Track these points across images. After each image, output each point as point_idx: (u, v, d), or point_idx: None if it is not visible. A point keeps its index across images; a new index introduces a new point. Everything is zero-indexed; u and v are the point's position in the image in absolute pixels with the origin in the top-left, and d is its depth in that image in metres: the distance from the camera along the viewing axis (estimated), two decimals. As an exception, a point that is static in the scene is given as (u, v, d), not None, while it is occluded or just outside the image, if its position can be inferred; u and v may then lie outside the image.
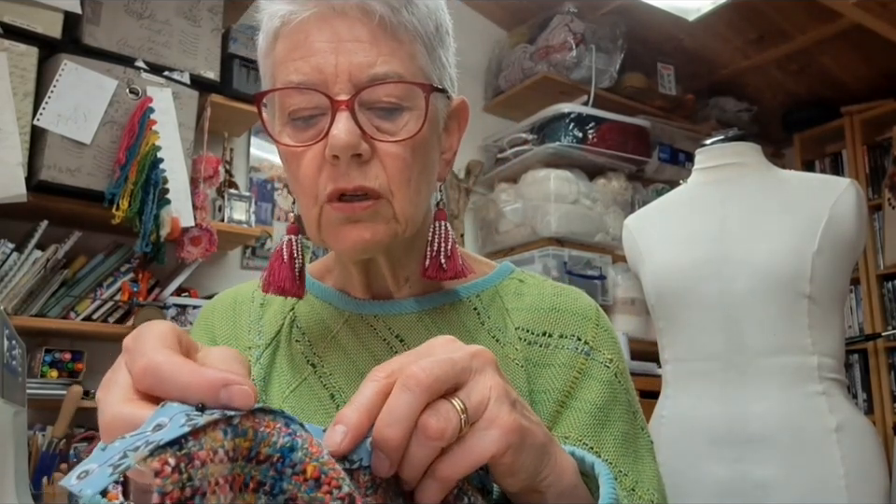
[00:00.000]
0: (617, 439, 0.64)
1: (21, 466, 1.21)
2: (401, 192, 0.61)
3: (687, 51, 3.35)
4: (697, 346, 1.52)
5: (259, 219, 2.68)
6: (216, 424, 0.33)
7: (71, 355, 2.13)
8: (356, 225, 0.61)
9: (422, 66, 0.62)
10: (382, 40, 0.60)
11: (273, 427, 0.35)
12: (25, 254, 2.03)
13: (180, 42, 2.30)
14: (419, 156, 0.62)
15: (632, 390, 0.70)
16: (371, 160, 0.60)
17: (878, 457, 1.39)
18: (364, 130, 0.59)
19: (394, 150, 0.61)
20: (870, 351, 3.20)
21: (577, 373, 0.66)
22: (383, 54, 0.60)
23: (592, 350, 0.68)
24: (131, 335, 0.39)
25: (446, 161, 0.70)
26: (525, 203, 2.96)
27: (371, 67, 0.59)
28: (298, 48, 0.61)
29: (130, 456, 0.31)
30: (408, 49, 0.61)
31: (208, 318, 0.76)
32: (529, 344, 0.68)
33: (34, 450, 1.87)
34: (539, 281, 0.74)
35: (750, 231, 1.48)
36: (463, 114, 0.71)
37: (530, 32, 3.29)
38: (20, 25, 2.00)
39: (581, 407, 0.65)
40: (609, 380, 0.67)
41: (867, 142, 3.37)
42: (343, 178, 0.60)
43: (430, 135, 0.64)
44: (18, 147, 1.94)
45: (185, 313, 2.30)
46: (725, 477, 1.42)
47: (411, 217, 0.63)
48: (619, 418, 0.66)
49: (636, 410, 0.70)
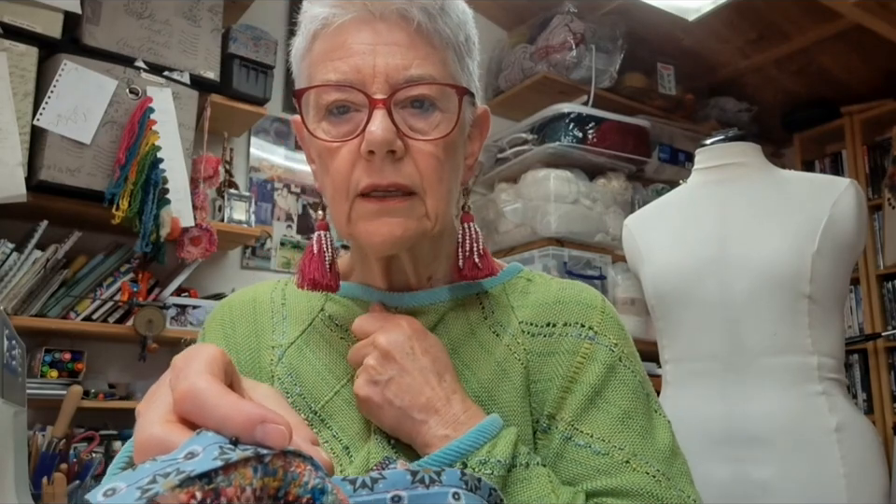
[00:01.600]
0: (614, 417, 0.66)
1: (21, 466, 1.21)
2: (433, 189, 0.64)
3: (687, 51, 3.35)
4: (697, 346, 1.52)
5: (258, 219, 2.69)
6: (247, 461, 0.34)
7: (71, 355, 2.13)
8: (388, 219, 0.63)
9: (452, 72, 0.66)
10: (418, 44, 0.63)
11: (304, 469, 0.36)
12: (25, 254, 2.03)
13: (180, 42, 2.30)
14: (450, 156, 0.65)
15: (642, 373, 0.72)
16: (405, 157, 0.63)
17: (878, 457, 1.39)
18: (399, 128, 0.62)
19: (427, 149, 0.63)
20: (870, 351, 3.20)
21: (581, 358, 0.68)
22: (418, 57, 0.63)
23: (597, 335, 0.70)
24: (182, 354, 0.40)
25: (468, 167, 0.72)
26: (524, 203, 2.96)
27: (408, 69, 0.62)
28: (337, 49, 0.63)
29: (159, 482, 0.32)
30: (441, 55, 0.64)
31: (225, 317, 0.76)
32: (533, 336, 0.70)
33: (33, 450, 1.87)
34: (547, 279, 0.76)
35: (750, 231, 1.48)
36: (485, 122, 0.74)
37: (530, 32, 3.29)
38: (19, 25, 2.00)
39: (580, 390, 0.67)
40: (612, 363, 0.69)
41: (867, 142, 3.37)
42: (378, 174, 0.62)
43: (458, 138, 0.67)
44: (18, 146, 1.94)
45: (185, 313, 2.30)
46: (725, 477, 1.42)
47: (442, 214, 0.65)
48: (620, 398, 0.67)
49: (648, 392, 0.71)
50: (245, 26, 2.50)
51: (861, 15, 2.54)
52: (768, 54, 3.31)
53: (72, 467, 1.89)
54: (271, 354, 0.71)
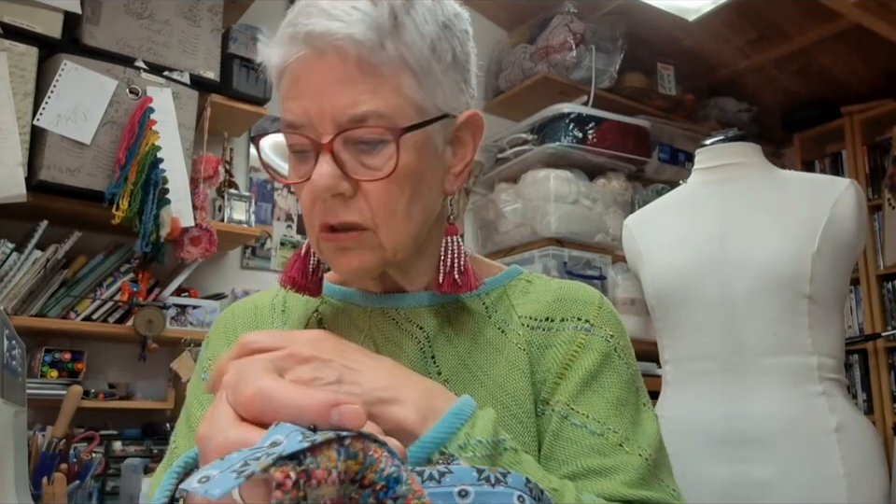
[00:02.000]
0: (609, 402, 0.67)
1: (21, 466, 1.21)
2: (386, 224, 0.64)
3: (687, 51, 3.35)
4: (697, 346, 1.52)
5: (258, 219, 2.68)
6: (330, 443, 0.34)
7: (71, 355, 2.12)
8: (344, 253, 0.65)
9: (410, 96, 0.63)
10: (360, 80, 0.61)
11: (381, 455, 0.36)
12: (25, 254, 2.03)
13: (180, 42, 2.30)
14: (406, 187, 0.64)
15: (635, 367, 0.72)
16: (356, 195, 0.63)
17: (878, 457, 1.39)
18: (346, 170, 0.62)
19: (376, 187, 0.62)
20: (870, 351, 3.20)
21: (577, 347, 0.69)
22: (363, 93, 0.61)
23: (593, 327, 0.71)
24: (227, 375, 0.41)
25: (455, 175, 0.70)
26: (524, 204, 2.96)
27: (352, 108, 0.60)
28: (291, 87, 0.63)
29: (252, 464, 0.32)
30: (391, 83, 0.61)
31: (228, 324, 0.77)
32: (532, 329, 0.71)
33: (33, 450, 1.87)
34: (546, 280, 0.77)
35: (750, 232, 1.48)
36: (475, 124, 0.71)
37: (530, 32, 3.29)
38: (19, 25, 2.00)
39: (575, 375, 0.68)
40: (607, 352, 0.70)
41: (867, 142, 3.37)
42: (330, 214, 0.63)
43: (420, 163, 0.64)
44: (18, 146, 1.94)
45: (185, 313, 2.30)
46: (725, 477, 1.42)
47: (398, 244, 0.65)
48: (614, 385, 0.68)
49: (639, 387, 0.72)
50: (245, 26, 2.50)
51: (861, 15, 2.54)
52: (768, 54, 3.31)
53: (72, 467, 1.89)
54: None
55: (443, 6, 0.67)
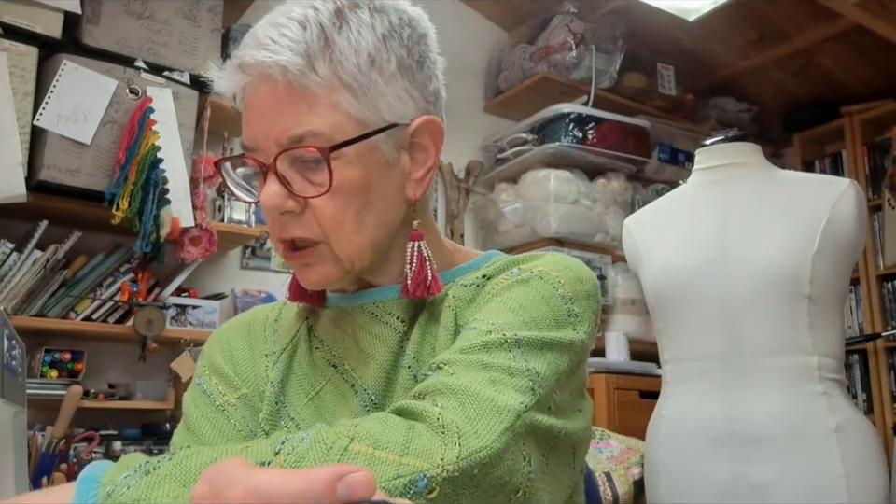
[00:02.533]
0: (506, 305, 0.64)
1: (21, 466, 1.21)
2: (336, 237, 0.66)
3: (687, 51, 3.35)
4: (697, 346, 1.52)
5: (258, 219, 2.68)
6: None
7: (71, 355, 2.13)
8: (305, 268, 0.68)
9: (348, 112, 0.64)
10: (295, 102, 0.63)
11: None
12: (25, 254, 2.03)
13: (180, 42, 2.30)
14: (352, 199, 0.65)
15: (570, 294, 0.68)
16: (304, 212, 0.65)
17: (878, 457, 1.39)
18: (292, 188, 0.64)
19: (320, 202, 0.65)
20: (870, 351, 3.20)
21: (495, 284, 0.69)
22: (299, 115, 0.63)
23: (521, 270, 0.69)
24: (196, 488, 0.35)
25: (417, 181, 0.70)
26: (524, 204, 2.96)
27: (289, 130, 0.63)
28: (244, 113, 0.67)
29: None
30: (326, 102, 0.63)
31: (223, 334, 0.80)
32: (465, 287, 0.71)
33: (33, 450, 1.87)
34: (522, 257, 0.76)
35: (750, 232, 1.48)
36: (433, 129, 0.70)
37: (530, 32, 3.29)
38: (19, 25, 2.00)
39: (483, 298, 0.69)
40: (525, 278, 0.68)
41: (867, 142, 3.37)
42: (284, 230, 0.67)
43: (366, 174, 0.65)
44: (18, 146, 1.94)
45: (185, 313, 2.30)
46: (725, 477, 1.42)
47: (353, 255, 0.67)
48: (522, 295, 0.66)
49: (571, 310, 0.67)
50: (245, 26, 2.50)
51: (861, 15, 2.54)
52: (768, 54, 3.31)
53: (72, 467, 1.89)
54: (265, 361, 0.75)
55: (386, 15, 0.67)
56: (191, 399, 0.75)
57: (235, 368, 0.75)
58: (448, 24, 1.00)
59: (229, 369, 0.75)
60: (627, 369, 2.53)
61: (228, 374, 0.74)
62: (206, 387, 0.74)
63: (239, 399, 0.72)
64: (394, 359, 0.70)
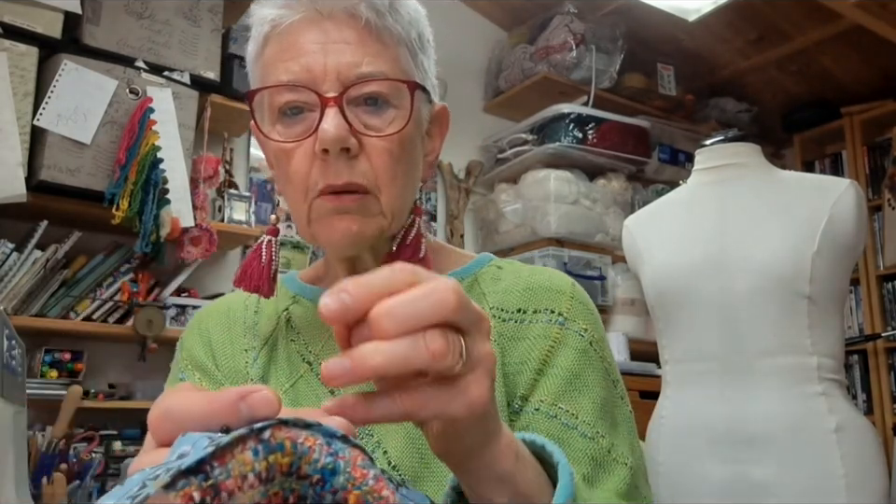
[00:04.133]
0: (595, 403, 0.66)
1: (21, 465, 1.21)
2: (388, 187, 0.64)
3: (687, 52, 3.35)
4: (697, 347, 1.52)
5: (258, 219, 2.68)
6: (244, 442, 0.30)
7: (71, 355, 2.13)
8: (344, 217, 0.63)
9: (405, 69, 0.65)
10: (368, 42, 0.63)
11: (314, 444, 0.32)
12: (25, 254, 2.03)
13: (180, 42, 2.30)
14: (405, 152, 0.65)
15: (611, 359, 0.72)
16: (359, 155, 0.63)
17: (878, 458, 1.39)
18: (352, 125, 0.62)
19: (381, 145, 0.63)
20: (869, 351, 3.20)
21: (552, 342, 0.68)
22: (369, 55, 0.62)
23: (566, 320, 0.69)
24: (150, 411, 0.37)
25: (429, 164, 0.72)
26: (524, 204, 2.96)
27: (358, 66, 0.62)
28: (288, 49, 0.63)
29: (149, 485, 0.28)
30: (392, 52, 0.64)
31: (202, 324, 0.78)
32: (503, 321, 0.70)
33: (33, 450, 1.87)
34: (518, 266, 0.76)
35: (750, 232, 1.48)
36: (444, 119, 0.73)
37: (530, 32, 3.29)
38: (20, 25, 2.00)
39: (556, 373, 0.67)
40: (583, 348, 0.68)
41: (867, 142, 3.37)
42: (333, 175, 0.62)
43: (415, 134, 0.67)
44: (18, 146, 1.94)
45: (185, 313, 2.30)
46: (725, 477, 1.42)
47: (397, 211, 0.65)
48: (596, 384, 0.67)
49: (615, 379, 0.71)
50: (246, 26, 2.50)
51: (861, 16, 2.54)
52: (768, 55, 3.31)
53: (72, 467, 1.89)
54: (246, 356, 0.73)
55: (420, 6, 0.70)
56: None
57: (217, 362, 0.74)
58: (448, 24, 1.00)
59: (210, 364, 0.74)
60: (627, 369, 2.53)
61: (210, 370, 0.73)
62: (190, 383, 0.73)
63: None
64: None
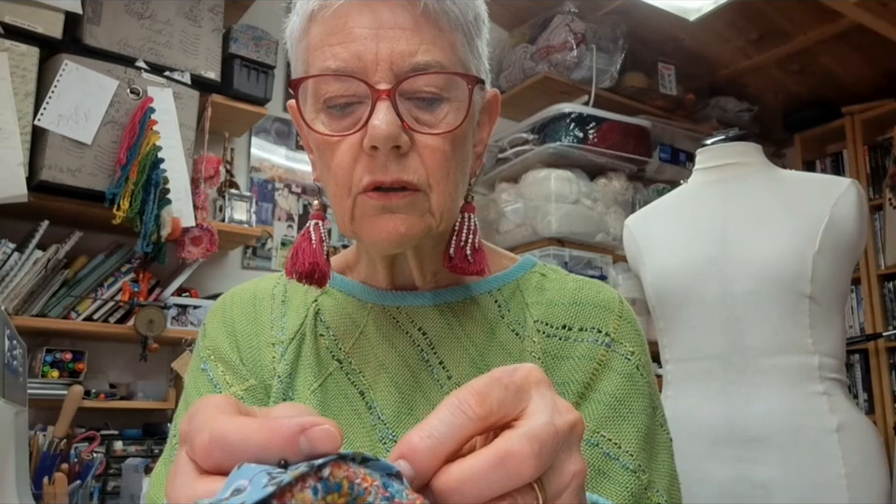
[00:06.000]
0: (639, 432, 0.63)
1: (22, 465, 1.21)
2: (439, 186, 0.60)
3: (687, 51, 3.35)
4: (698, 346, 1.52)
5: (259, 219, 2.69)
6: (303, 480, 0.28)
7: (72, 355, 2.13)
8: (392, 216, 0.59)
9: (461, 57, 0.61)
10: (424, 27, 0.58)
11: (371, 485, 0.30)
12: (26, 254, 2.04)
13: (181, 42, 2.30)
14: (458, 149, 0.61)
15: (654, 384, 0.69)
16: (410, 152, 0.58)
17: (879, 457, 1.38)
18: (404, 120, 0.57)
19: (433, 143, 0.59)
20: (871, 351, 3.20)
21: (597, 365, 0.65)
22: (425, 42, 0.58)
23: (613, 342, 0.67)
24: (184, 419, 0.34)
25: (478, 155, 0.68)
26: (525, 203, 2.96)
27: (413, 56, 0.57)
28: (336, 32, 0.58)
29: None
30: (449, 38, 0.60)
31: (226, 312, 0.72)
32: (548, 337, 0.67)
33: (34, 450, 1.87)
34: (562, 275, 0.73)
35: (751, 231, 1.48)
36: (495, 107, 0.69)
37: (531, 32, 3.29)
38: (20, 25, 2.00)
39: (600, 399, 0.64)
40: (630, 372, 0.66)
41: (868, 142, 3.37)
42: (381, 171, 0.58)
43: (468, 129, 0.62)
44: (18, 146, 1.94)
45: (185, 313, 2.31)
46: (726, 477, 1.42)
47: (447, 211, 0.61)
48: (641, 412, 0.65)
49: (656, 405, 0.68)
50: (246, 26, 2.50)
51: (862, 15, 2.54)
52: (769, 54, 3.30)
53: (73, 467, 1.89)
54: (272, 351, 0.68)
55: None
56: (195, 385, 0.68)
57: (241, 355, 0.69)
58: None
59: (234, 356, 0.68)
60: (628, 369, 2.52)
61: (234, 363, 0.68)
62: (212, 376, 0.68)
63: (246, 391, 0.66)
64: (413, 379, 0.65)
